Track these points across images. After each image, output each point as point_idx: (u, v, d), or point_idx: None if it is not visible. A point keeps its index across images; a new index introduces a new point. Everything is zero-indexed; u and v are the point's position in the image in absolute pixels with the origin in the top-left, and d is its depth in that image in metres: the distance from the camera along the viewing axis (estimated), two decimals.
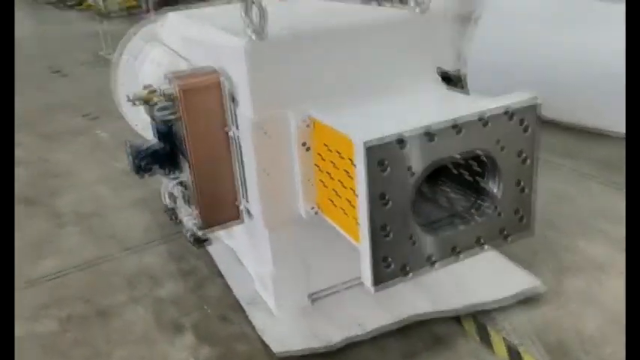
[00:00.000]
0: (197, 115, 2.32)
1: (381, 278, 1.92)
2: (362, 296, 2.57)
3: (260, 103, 2.16)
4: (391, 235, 1.87)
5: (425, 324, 2.48)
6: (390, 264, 1.91)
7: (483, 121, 1.90)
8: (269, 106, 2.17)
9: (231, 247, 3.11)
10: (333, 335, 2.39)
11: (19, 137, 5.78)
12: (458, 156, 1.93)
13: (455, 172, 2.23)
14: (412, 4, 2.34)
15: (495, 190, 2.05)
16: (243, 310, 2.66)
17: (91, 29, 11.73)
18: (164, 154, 2.69)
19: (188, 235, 2.77)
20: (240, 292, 2.79)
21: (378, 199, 1.81)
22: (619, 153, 4.11)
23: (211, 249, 3.09)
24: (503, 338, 2.41)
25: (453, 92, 2.31)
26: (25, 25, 13.58)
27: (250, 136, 2.20)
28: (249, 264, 2.91)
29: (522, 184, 2.07)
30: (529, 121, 1.99)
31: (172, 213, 2.66)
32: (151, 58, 3.33)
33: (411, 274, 1.97)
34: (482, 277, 2.68)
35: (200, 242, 2.91)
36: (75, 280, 3.12)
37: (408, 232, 1.91)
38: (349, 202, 1.97)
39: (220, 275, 2.97)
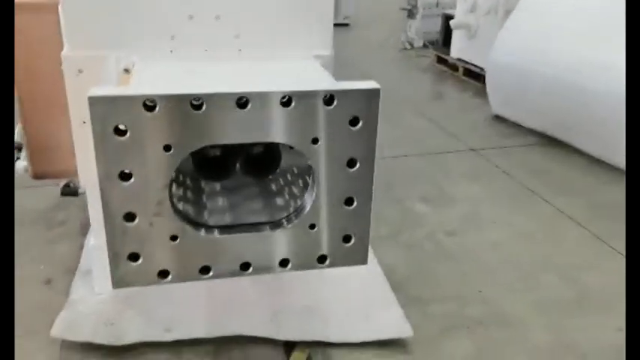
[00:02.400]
0: (25, 39, 1.97)
1: (123, 277, 1.50)
2: (193, 294, 2.17)
3: (75, 37, 1.77)
4: (140, 226, 1.44)
5: (245, 344, 2.03)
6: (140, 262, 1.48)
7: (284, 101, 1.39)
8: (88, 44, 1.78)
9: None
10: (129, 333, 1.99)
11: None
12: (242, 142, 1.44)
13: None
14: None
15: (307, 201, 1.55)
16: None
17: None
18: None
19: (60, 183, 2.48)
20: (86, 258, 2.45)
21: (115, 175, 1.38)
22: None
23: None
24: None
25: (317, 69, 1.77)
26: None
27: (65, 76, 1.82)
28: None
29: (349, 196, 1.55)
30: (360, 113, 1.45)
31: (18, 152, 2.35)
32: None
33: (170, 279, 1.53)
34: (346, 305, 2.18)
35: (66, 192, 2.61)
36: None
37: (166, 228, 1.46)
38: None
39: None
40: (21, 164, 2.22)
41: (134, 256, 1.48)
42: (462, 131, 4.44)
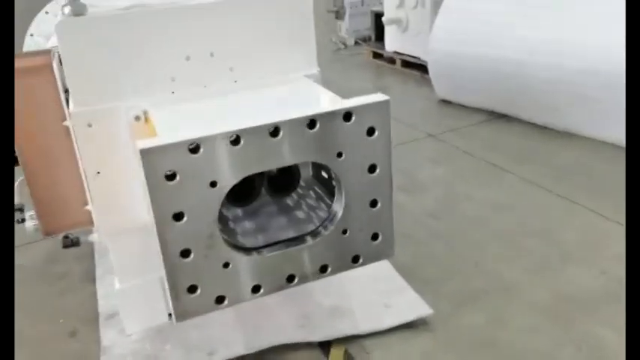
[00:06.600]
0: (25, 101, 2.01)
1: (185, 309, 1.61)
2: (221, 315, 2.28)
3: (81, 91, 1.84)
4: (196, 260, 1.55)
5: (283, 350, 2.16)
6: (198, 293, 1.59)
7: (309, 124, 1.54)
8: (95, 96, 1.85)
9: None
10: None
11: None
12: (278, 167, 1.59)
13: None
14: None
15: (338, 208, 1.71)
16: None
17: None
18: None
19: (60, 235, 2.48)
20: (105, 303, 2.50)
21: (169, 217, 1.49)
22: (586, 158, 3.71)
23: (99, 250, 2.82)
24: None
25: (317, 89, 1.93)
26: None
27: (73, 131, 1.89)
28: None
29: (373, 198, 1.72)
30: (375, 124, 1.64)
31: (20, 212, 2.37)
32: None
33: (226, 303, 1.65)
34: (365, 298, 2.37)
35: (68, 244, 2.63)
36: None
37: (218, 257, 1.58)
38: None
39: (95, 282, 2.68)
40: (30, 224, 2.23)
41: (193, 288, 1.59)
42: (415, 119, 4.71)
